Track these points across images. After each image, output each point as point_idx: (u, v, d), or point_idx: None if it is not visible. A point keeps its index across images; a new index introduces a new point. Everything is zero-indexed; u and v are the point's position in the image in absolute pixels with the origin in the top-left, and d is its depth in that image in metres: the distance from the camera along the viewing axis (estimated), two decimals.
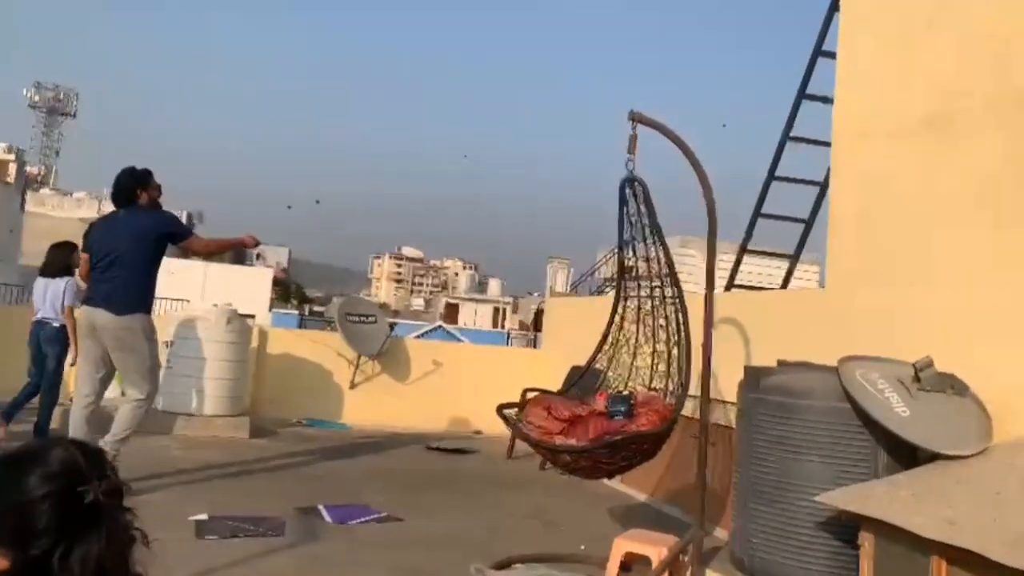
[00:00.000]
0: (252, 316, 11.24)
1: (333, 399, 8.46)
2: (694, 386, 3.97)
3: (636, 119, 3.91)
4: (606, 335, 4.41)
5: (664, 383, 4.11)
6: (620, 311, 4.40)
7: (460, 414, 8.39)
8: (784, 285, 7.20)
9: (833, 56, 4.90)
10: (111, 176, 4.98)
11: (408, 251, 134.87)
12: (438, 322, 39.63)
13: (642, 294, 4.34)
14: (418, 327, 33.09)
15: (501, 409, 4.28)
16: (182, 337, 7.10)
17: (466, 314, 58.80)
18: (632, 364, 4.32)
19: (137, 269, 4.77)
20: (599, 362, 4.45)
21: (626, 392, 4.15)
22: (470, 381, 8.56)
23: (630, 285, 4.41)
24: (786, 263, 7.16)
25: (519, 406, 4.44)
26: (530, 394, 4.53)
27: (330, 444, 7.09)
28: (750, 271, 8.15)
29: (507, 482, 6.17)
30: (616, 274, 4.62)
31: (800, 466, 3.22)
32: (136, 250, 4.77)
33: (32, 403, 6.12)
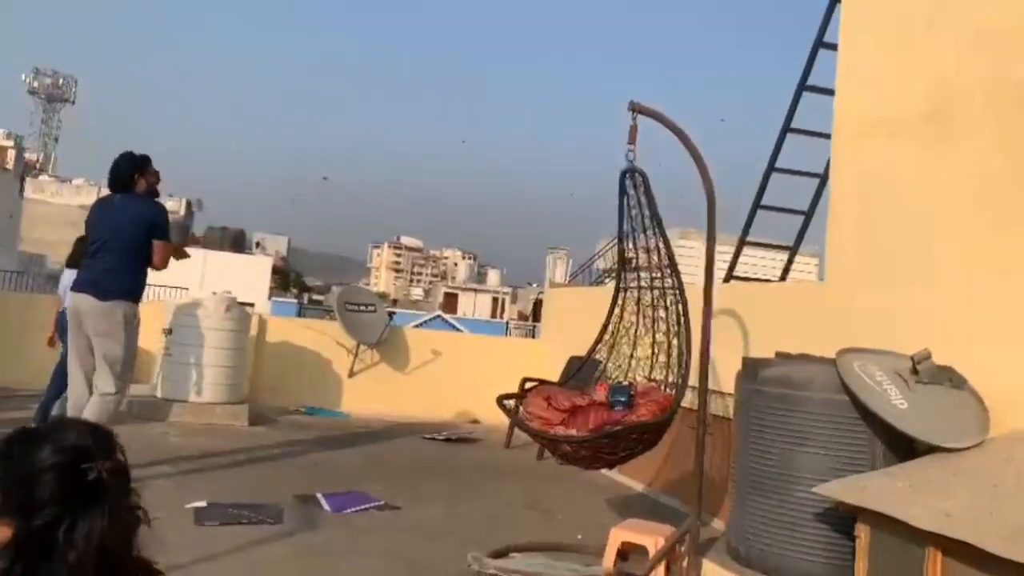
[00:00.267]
0: (251, 304, 11.24)
1: (332, 388, 8.48)
2: (692, 376, 3.97)
3: (636, 109, 3.90)
4: (606, 326, 4.41)
5: (664, 374, 4.11)
6: (620, 302, 4.40)
7: (458, 403, 8.42)
8: (783, 277, 7.21)
9: (834, 47, 4.88)
10: (110, 163, 4.86)
11: (407, 240, 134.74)
12: (437, 312, 39.67)
13: (642, 285, 4.34)
14: (417, 316, 33.13)
15: (501, 400, 4.29)
16: (181, 325, 7.11)
17: (465, 304, 58.82)
18: (632, 355, 4.32)
19: (126, 256, 4.65)
20: (598, 353, 4.45)
21: (626, 383, 4.15)
22: (469, 371, 8.59)
23: (630, 276, 4.40)
24: (785, 255, 7.16)
25: (519, 396, 4.45)
26: (529, 384, 4.53)
27: (329, 432, 7.10)
28: (749, 263, 8.15)
29: (505, 471, 6.19)
30: (616, 265, 4.61)
31: (798, 457, 3.23)
32: (127, 236, 4.66)
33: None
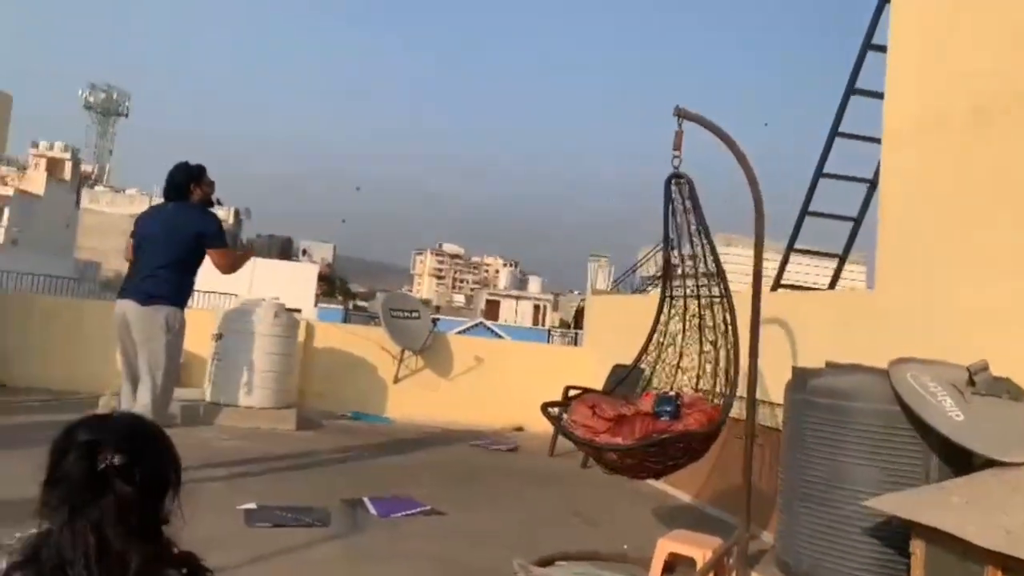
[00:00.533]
0: (298, 310, 11.42)
1: (377, 393, 8.57)
2: (740, 386, 3.93)
3: (681, 115, 3.87)
4: (651, 334, 4.38)
5: (711, 384, 4.07)
6: (665, 310, 4.37)
7: (502, 410, 8.43)
8: (832, 285, 7.07)
9: (883, 50, 4.80)
10: (161, 174, 4.97)
11: (449, 247, 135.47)
12: (479, 318, 39.79)
13: (688, 293, 4.30)
14: (459, 323, 33.26)
15: (546, 407, 4.29)
16: (230, 330, 7.26)
17: (507, 311, 58.89)
18: (678, 365, 4.29)
19: (173, 264, 4.69)
20: (644, 362, 4.42)
21: (672, 393, 4.12)
22: (512, 377, 8.61)
23: (675, 284, 4.37)
24: (833, 262, 7.03)
25: (563, 404, 4.44)
26: (572, 392, 4.52)
27: (374, 437, 7.18)
28: (797, 271, 8.03)
29: (550, 479, 6.19)
30: (661, 272, 4.58)
31: (848, 469, 3.18)
32: (173, 244, 4.71)
33: None
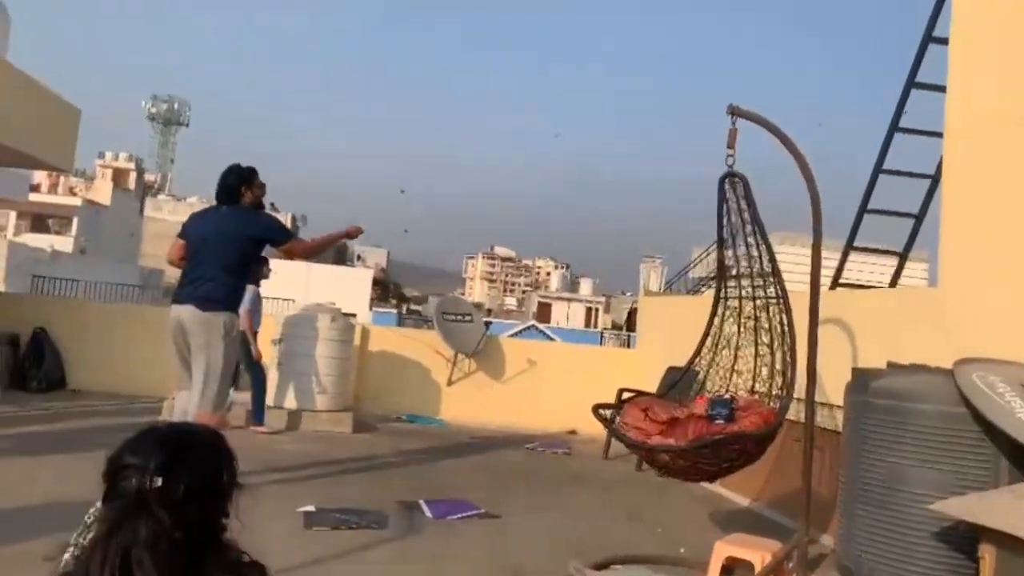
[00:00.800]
0: (354, 315, 11.61)
1: (431, 396, 8.66)
2: (797, 388, 3.86)
3: (735, 112, 3.84)
4: (705, 336, 4.34)
5: (767, 386, 4.01)
6: (720, 311, 4.32)
7: (555, 413, 8.44)
8: (893, 283, 6.89)
9: (944, 42, 4.67)
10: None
11: (500, 250, 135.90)
12: (531, 321, 39.79)
13: (743, 294, 4.25)
14: (511, 326, 33.34)
15: (597, 409, 4.28)
16: (290, 335, 7.42)
17: (558, 313, 58.77)
18: (733, 367, 4.23)
19: (228, 268, 4.68)
20: (698, 364, 4.38)
21: (727, 396, 4.07)
22: (564, 380, 8.61)
23: (730, 284, 4.32)
24: (895, 261, 6.86)
25: (615, 406, 4.42)
26: (626, 395, 4.49)
27: (429, 440, 7.25)
28: (856, 269, 7.84)
29: (604, 482, 6.16)
30: (715, 273, 4.53)
31: (912, 472, 3.10)
32: (229, 250, 4.70)
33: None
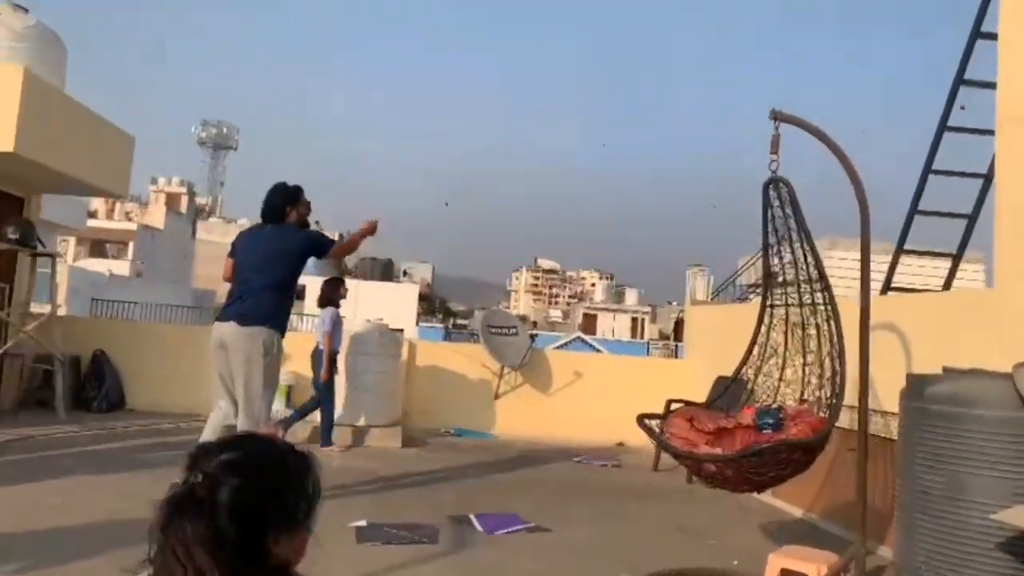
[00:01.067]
0: (401, 330, 11.72)
1: (479, 409, 8.70)
2: (850, 396, 3.79)
3: (778, 117, 3.81)
4: (752, 345, 4.29)
5: (816, 395, 3.94)
6: (766, 320, 4.27)
7: (602, 425, 8.39)
8: (946, 286, 6.72)
9: (993, 38, 4.56)
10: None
11: (544, 263, 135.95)
12: (576, 333, 39.65)
13: (790, 302, 4.19)
14: (557, 338, 33.27)
15: (642, 419, 4.25)
16: (339, 352, 7.51)
17: (604, 324, 58.52)
18: (780, 376, 4.17)
19: (271, 286, 4.69)
20: (745, 374, 4.33)
21: (775, 406, 4.01)
22: (612, 392, 8.57)
23: (776, 292, 4.27)
24: (946, 263, 6.69)
25: (661, 417, 4.39)
26: (674, 406, 4.46)
27: (478, 454, 7.28)
28: (908, 272, 7.66)
29: (654, 494, 6.11)
30: (761, 280, 4.48)
31: (971, 481, 3.01)
32: (275, 268, 4.72)
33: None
